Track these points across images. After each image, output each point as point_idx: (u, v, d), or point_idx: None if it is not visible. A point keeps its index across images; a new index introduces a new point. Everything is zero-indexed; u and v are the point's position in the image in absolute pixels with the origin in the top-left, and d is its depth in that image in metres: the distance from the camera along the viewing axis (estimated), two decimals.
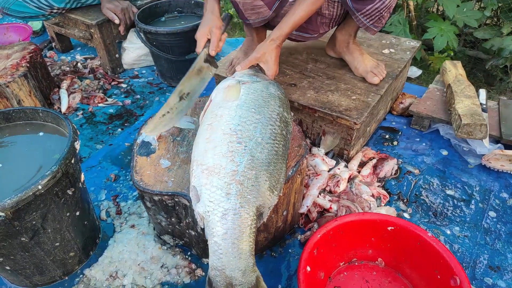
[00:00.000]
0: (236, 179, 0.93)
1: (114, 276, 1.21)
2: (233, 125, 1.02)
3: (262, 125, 1.04)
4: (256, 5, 1.39)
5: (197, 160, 0.99)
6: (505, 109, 1.70)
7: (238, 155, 0.96)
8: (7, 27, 2.56)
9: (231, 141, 0.99)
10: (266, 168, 0.97)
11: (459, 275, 0.99)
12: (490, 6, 2.23)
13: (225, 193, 0.92)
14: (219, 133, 1.01)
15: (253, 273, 0.90)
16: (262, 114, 1.07)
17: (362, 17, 1.41)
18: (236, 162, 0.95)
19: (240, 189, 0.92)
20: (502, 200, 1.44)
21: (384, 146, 1.69)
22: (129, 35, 2.25)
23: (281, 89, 1.25)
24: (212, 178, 0.94)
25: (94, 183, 1.56)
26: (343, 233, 1.14)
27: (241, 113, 1.05)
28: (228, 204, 0.91)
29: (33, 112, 1.19)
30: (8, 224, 0.94)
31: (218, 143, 0.99)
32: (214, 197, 0.92)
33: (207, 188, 0.93)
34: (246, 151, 0.97)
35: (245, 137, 1.00)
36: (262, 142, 1.00)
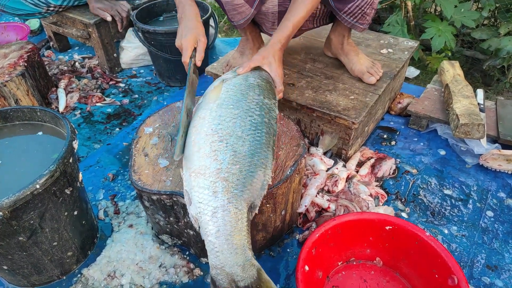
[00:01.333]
0: (221, 177, 0.94)
1: (112, 276, 1.20)
2: (214, 125, 1.03)
3: (241, 119, 1.04)
4: (237, 4, 1.38)
5: (185, 164, 1.01)
6: (502, 109, 1.70)
7: (221, 153, 0.97)
8: (5, 26, 2.55)
9: (213, 140, 1.00)
10: (250, 159, 0.98)
11: (457, 275, 1.00)
12: (488, 6, 2.24)
13: (212, 191, 0.93)
14: (202, 135, 1.02)
15: (253, 266, 0.90)
16: (240, 108, 1.07)
17: (345, 16, 1.43)
18: (219, 160, 0.96)
19: (226, 186, 0.93)
20: (500, 199, 1.44)
21: (382, 146, 1.69)
22: (127, 34, 2.25)
23: (263, 75, 1.23)
24: (198, 179, 0.95)
25: (92, 183, 1.55)
26: (341, 232, 1.14)
27: (220, 112, 1.06)
28: (216, 202, 0.92)
29: (31, 111, 1.19)
30: (5, 223, 0.93)
31: (202, 145, 1.00)
32: (202, 197, 0.93)
33: (196, 190, 0.95)
34: (228, 148, 0.98)
35: (225, 134, 1.01)
36: (242, 135, 1.01)
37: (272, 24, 1.52)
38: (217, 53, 2.49)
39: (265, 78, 1.23)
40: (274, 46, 1.30)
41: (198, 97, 1.40)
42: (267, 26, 1.55)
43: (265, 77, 1.24)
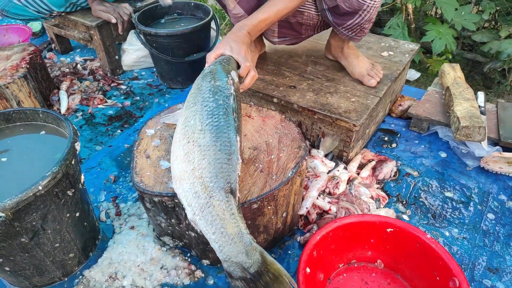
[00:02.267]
0: (196, 176, 0.95)
1: (113, 277, 1.21)
2: (182, 129, 1.05)
3: (199, 113, 1.05)
4: (236, 14, 1.39)
5: (172, 176, 1.02)
6: (503, 111, 1.71)
7: (191, 153, 0.98)
8: (7, 28, 2.56)
9: (184, 144, 1.01)
10: (214, 147, 0.98)
11: (458, 277, 1.00)
12: (488, 9, 2.25)
13: (193, 192, 0.94)
14: (177, 143, 1.04)
15: (255, 250, 0.90)
16: (196, 102, 1.08)
17: (344, 30, 1.44)
18: (191, 160, 0.97)
19: (202, 182, 0.94)
20: (501, 202, 1.44)
21: (383, 148, 1.70)
22: (129, 36, 2.25)
23: (220, 60, 1.22)
24: (182, 185, 0.97)
25: (93, 184, 1.56)
26: (343, 234, 1.14)
27: (186, 114, 1.08)
28: (199, 200, 0.93)
29: (33, 113, 1.19)
30: (8, 225, 0.94)
31: (177, 152, 1.02)
32: (189, 201, 0.95)
33: (183, 196, 0.96)
34: (195, 145, 0.99)
35: (190, 133, 1.02)
36: (202, 127, 1.02)
37: (272, 32, 1.53)
38: None
39: (219, 60, 1.22)
40: (234, 31, 1.28)
41: None
42: (268, 33, 1.56)
43: (220, 60, 1.22)
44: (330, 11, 1.38)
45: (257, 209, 1.08)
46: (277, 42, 1.62)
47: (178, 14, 2.26)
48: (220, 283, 1.20)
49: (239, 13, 1.39)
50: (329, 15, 1.40)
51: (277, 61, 1.76)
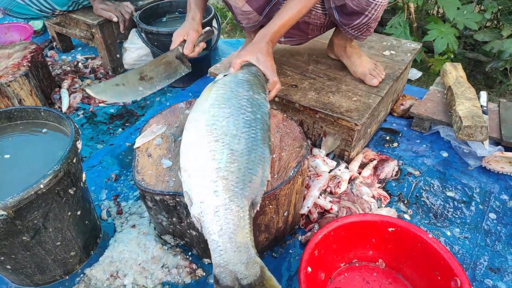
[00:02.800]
0: (220, 175, 0.94)
1: (114, 276, 1.21)
2: (207, 125, 1.03)
3: (233, 117, 1.05)
4: (245, 11, 1.39)
5: (183, 167, 1.01)
6: (505, 111, 1.70)
7: (218, 153, 0.97)
8: (8, 27, 2.56)
9: (209, 141, 1.00)
10: (248, 157, 0.98)
11: (460, 277, 1.00)
12: (490, 9, 2.24)
13: (212, 191, 0.93)
14: (198, 136, 1.03)
15: (256, 264, 0.90)
16: (232, 107, 1.08)
17: (350, 30, 1.44)
18: (217, 159, 0.96)
19: (226, 184, 0.93)
20: (502, 202, 1.44)
21: (384, 147, 1.69)
22: (130, 35, 2.25)
23: (251, 70, 1.23)
24: (198, 180, 0.96)
25: (94, 183, 1.56)
26: (344, 234, 1.14)
27: (213, 112, 1.07)
28: (217, 201, 0.92)
29: (35, 111, 1.19)
30: (9, 223, 0.94)
31: (197, 146, 1.01)
32: (203, 197, 0.93)
33: (196, 190, 0.95)
34: (225, 147, 0.98)
35: (220, 134, 1.01)
36: (237, 133, 1.01)
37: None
38: (220, 54, 2.50)
39: (254, 72, 1.23)
40: (259, 41, 1.27)
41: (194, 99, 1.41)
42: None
43: (254, 71, 1.23)
44: (337, 10, 1.38)
45: (258, 208, 1.08)
46: (282, 42, 1.62)
47: (180, 13, 2.26)
48: None
49: (248, 10, 1.38)
50: (336, 14, 1.39)
51: (278, 60, 1.76)
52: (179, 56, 1.36)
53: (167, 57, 1.35)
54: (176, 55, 1.36)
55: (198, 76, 2.19)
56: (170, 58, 1.36)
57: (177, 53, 1.37)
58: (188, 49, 1.37)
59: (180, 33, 1.39)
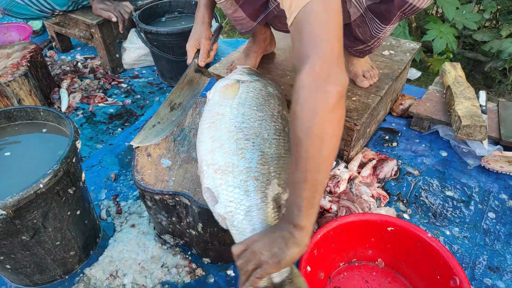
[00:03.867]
0: (251, 176, 0.94)
1: (114, 275, 1.21)
2: (237, 122, 1.03)
3: (266, 122, 1.05)
4: (238, 17, 1.38)
5: (206, 160, 0.99)
6: (504, 111, 1.70)
7: (248, 152, 0.97)
8: (7, 27, 2.56)
9: (238, 138, 0.99)
10: (277, 162, 0.99)
11: (459, 276, 1.00)
12: (489, 8, 2.25)
13: (244, 190, 0.93)
14: (224, 131, 1.02)
15: None
16: (264, 112, 1.08)
17: (353, 52, 1.44)
18: (247, 159, 0.96)
19: (258, 185, 0.93)
20: (501, 201, 1.44)
21: (383, 147, 1.70)
22: (130, 35, 2.25)
23: (279, 88, 1.26)
24: (226, 177, 0.94)
25: (94, 183, 1.56)
26: (343, 233, 1.14)
27: (243, 111, 1.06)
28: (249, 201, 0.92)
29: (34, 111, 1.19)
30: (9, 222, 0.94)
31: (225, 141, 0.99)
32: (233, 196, 0.93)
33: (224, 188, 0.94)
34: (255, 147, 0.98)
35: (251, 134, 1.01)
36: (268, 138, 1.02)
37: (283, 25, 1.52)
38: (219, 54, 2.50)
39: (281, 92, 1.25)
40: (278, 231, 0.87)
41: (202, 98, 1.41)
42: (279, 26, 1.54)
43: (281, 91, 1.25)
44: (343, 31, 1.35)
45: None
46: (283, 30, 1.61)
47: (179, 13, 2.26)
48: (221, 281, 1.21)
49: (240, 16, 1.37)
50: None
51: (279, 60, 1.76)
52: (197, 68, 1.36)
53: (187, 75, 1.34)
54: (194, 69, 1.36)
55: None
56: (190, 76, 1.35)
57: (195, 66, 1.36)
58: (203, 59, 1.35)
59: (193, 44, 1.36)
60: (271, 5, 1.31)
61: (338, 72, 0.80)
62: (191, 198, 1.05)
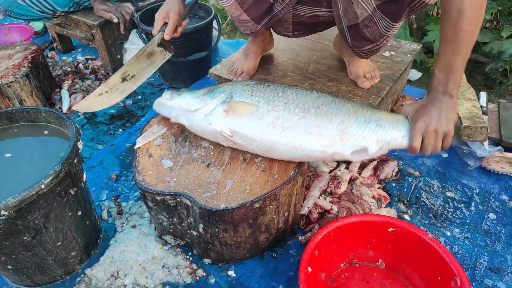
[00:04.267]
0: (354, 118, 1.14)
1: (115, 276, 1.21)
2: (296, 108, 1.12)
3: (301, 93, 1.20)
4: (243, 20, 1.38)
5: (330, 146, 1.09)
6: (505, 112, 1.71)
7: (330, 111, 1.13)
8: (9, 28, 2.57)
9: (312, 112, 1.12)
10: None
11: (460, 277, 1.00)
12: (490, 9, 2.24)
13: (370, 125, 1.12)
14: (299, 122, 1.10)
15: None
16: (288, 91, 1.20)
17: (360, 52, 1.43)
18: (336, 113, 1.14)
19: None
20: (502, 202, 1.44)
21: None
22: (131, 36, 2.26)
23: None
24: (351, 132, 1.10)
25: (95, 183, 1.56)
26: (344, 234, 1.15)
27: (306, 100, 1.16)
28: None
29: (36, 112, 1.19)
30: (11, 223, 0.94)
31: (314, 123, 1.10)
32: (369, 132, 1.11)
33: (361, 135, 1.10)
34: (329, 107, 1.14)
35: (315, 102, 1.15)
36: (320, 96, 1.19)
37: (285, 29, 1.52)
38: (220, 54, 2.50)
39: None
40: (428, 96, 1.10)
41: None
42: (280, 30, 1.55)
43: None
44: (350, 32, 1.34)
45: (259, 209, 1.08)
46: (292, 35, 1.61)
47: None
48: (222, 282, 1.21)
49: (245, 19, 1.37)
50: (348, 36, 1.36)
51: (279, 60, 1.76)
52: (161, 42, 1.34)
53: (149, 47, 1.33)
54: (158, 43, 1.33)
55: (198, 77, 2.19)
56: (151, 48, 1.33)
57: (159, 40, 1.34)
58: (169, 34, 1.34)
59: (160, 17, 1.35)
60: (276, 9, 1.32)
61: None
62: (192, 199, 1.05)
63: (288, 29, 1.50)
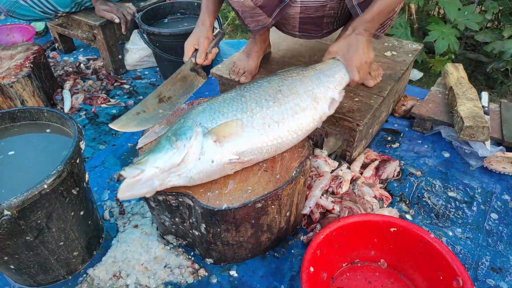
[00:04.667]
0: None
1: (117, 276, 1.21)
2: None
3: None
4: (256, 13, 1.38)
5: (285, 130, 1.14)
6: (506, 111, 1.70)
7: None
8: (10, 28, 2.57)
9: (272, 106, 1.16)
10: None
11: (462, 277, 1.00)
12: (491, 9, 2.25)
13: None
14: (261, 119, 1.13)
15: None
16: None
17: (376, 31, 1.43)
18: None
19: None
20: (504, 202, 1.44)
21: (386, 148, 1.70)
22: (132, 36, 2.26)
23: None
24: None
25: (97, 183, 1.56)
26: (346, 234, 1.15)
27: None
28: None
29: (38, 112, 1.20)
30: (13, 223, 0.94)
31: (272, 118, 1.14)
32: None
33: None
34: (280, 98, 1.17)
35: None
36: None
37: (292, 27, 1.52)
38: (221, 55, 2.50)
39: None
40: (350, 34, 1.25)
41: (195, 100, 1.41)
42: (288, 28, 1.54)
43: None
44: (361, 8, 1.34)
45: (261, 208, 1.08)
46: (298, 35, 1.61)
47: (181, 14, 2.27)
48: (224, 281, 1.21)
49: (258, 12, 1.37)
50: (359, 12, 1.35)
51: (280, 60, 1.77)
52: (193, 67, 1.35)
53: (182, 71, 1.33)
54: (190, 67, 1.35)
55: None
56: (184, 73, 1.34)
57: (191, 65, 1.35)
58: (201, 58, 1.35)
59: (191, 42, 1.37)
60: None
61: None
62: (194, 199, 1.05)
63: (295, 28, 1.51)
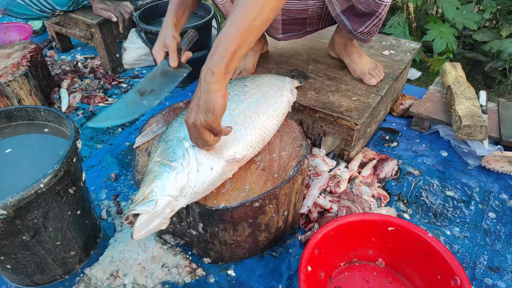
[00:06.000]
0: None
1: (115, 275, 1.21)
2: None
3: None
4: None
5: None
6: (504, 111, 1.71)
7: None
8: (7, 26, 2.56)
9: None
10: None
11: (460, 276, 1.00)
12: (490, 9, 2.25)
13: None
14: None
15: None
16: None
17: (362, 35, 1.41)
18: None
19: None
20: (502, 201, 1.44)
21: (384, 147, 1.70)
22: (130, 35, 2.25)
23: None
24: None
25: (94, 183, 1.56)
26: (344, 233, 1.14)
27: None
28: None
29: (34, 111, 1.19)
30: (9, 222, 0.94)
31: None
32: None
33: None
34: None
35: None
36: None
37: (276, 30, 1.52)
38: None
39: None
40: (198, 84, 0.95)
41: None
42: (271, 31, 1.55)
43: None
44: (346, 16, 1.33)
45: (258, 208, 1.08)
46: (281, 38, 1.60)
47: None
48: (221, 281, 1.21)
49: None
50: (347, 22, 1.35)
51: (278, 59, 1.76)
52: (165, 70, 1.26)
53: (159, 68, 1.25)
54: (163, 70, 1.26)
55: (197, 76, 2.18)
56: (163, 68, 1.25)
57: (164, 68, 1.25)
58: (174, 60, 1.25)
59: (158, 49, 1.27)
60: None
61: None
62: None
63: (278, 30, 1.51)
